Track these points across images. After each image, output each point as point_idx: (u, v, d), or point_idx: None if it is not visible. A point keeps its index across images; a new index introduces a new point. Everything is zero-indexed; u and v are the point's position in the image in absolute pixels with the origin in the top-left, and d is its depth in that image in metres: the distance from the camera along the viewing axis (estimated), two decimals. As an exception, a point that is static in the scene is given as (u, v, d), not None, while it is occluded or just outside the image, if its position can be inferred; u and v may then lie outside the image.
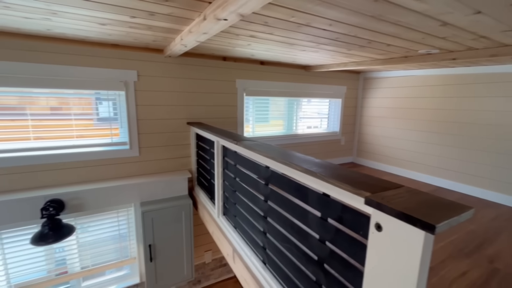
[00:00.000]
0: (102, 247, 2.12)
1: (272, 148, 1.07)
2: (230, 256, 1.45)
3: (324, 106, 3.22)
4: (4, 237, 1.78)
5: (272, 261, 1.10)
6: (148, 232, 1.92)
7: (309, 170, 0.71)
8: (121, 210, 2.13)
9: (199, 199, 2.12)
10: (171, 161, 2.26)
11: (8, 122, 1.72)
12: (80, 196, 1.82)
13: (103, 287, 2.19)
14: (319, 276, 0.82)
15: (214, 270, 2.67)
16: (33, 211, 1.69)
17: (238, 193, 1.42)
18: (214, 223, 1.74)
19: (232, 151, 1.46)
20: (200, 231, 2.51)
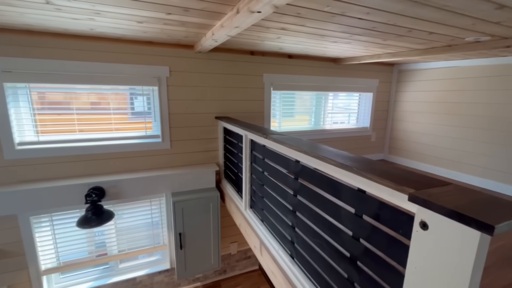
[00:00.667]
0: (137, 233, 2.27)
1: (302, 142, 1.05)
2: (257, 248, 1.47)
3: (354, 101, 3.09)
4: (55, 219, 1.99)
5: (301, 255, 1.10)
6: (179, 221, 2.02)
7: (345, 165, 0.69)
8: (154, 199, 2.26)
9: (226, 191, 2.17)
10: (200, 154, 2.33)
11: (57, 116, 1.90)
12: (118, 185, 1.95)
13: (137, 270, 2.35)
14: (351, 274, 0.80)
15: (239, 261, 2.74)
16: (78, 197, 1.86)
17: (266, 187, 1.43)
18: (241, 215, 1.77)
19: (260, 145, 1.46)
20: (226, 222, 2.57)
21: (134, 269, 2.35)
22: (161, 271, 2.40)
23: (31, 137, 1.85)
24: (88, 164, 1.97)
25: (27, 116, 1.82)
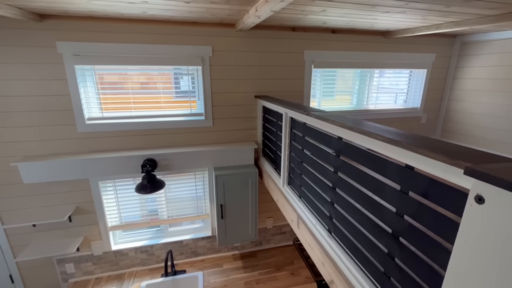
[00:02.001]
0: (183, 202, 2.52)
1: (346, 119, 1.04)
2: (295, 222, 1.53)
3: (403, 79, 2.83)
4: (117, 185, 2.31)
5: (339, 230, 1.12)
6: (220, 194, 2.18)
7: (394, 140, 0.68)
8: (198, 173, 2.45)
9: (264, 168, 2.25)
10: (240, 132, 2.42)
11: (115, 95, 2.13)
12: (168, 158, 2.16)
13: (183, 234, 2.64)
14: (392, 249, 0.81)
15: (274, 236, 2.87)
16: (135, 166, 2.11)
17: (305, 164, 1.45)
18: (278, 191, 1.84)
19: (301, 123, 1.47)
20: (263, 198, 2.69)
21: (181, 233, 2.64)
22: (203, 237, 2.65)
23: (96, 113, 2.13)
24: (143, 138, 2.20)
25: (92, 94, 2.08)
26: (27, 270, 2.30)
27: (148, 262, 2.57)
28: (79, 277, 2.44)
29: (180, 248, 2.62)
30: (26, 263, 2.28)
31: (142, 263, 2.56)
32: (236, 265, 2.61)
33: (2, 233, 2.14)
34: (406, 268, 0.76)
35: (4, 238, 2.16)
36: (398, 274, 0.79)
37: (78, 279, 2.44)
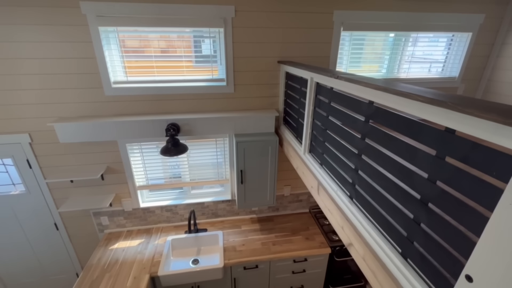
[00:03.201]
0: (204, 167, 2.61)
1: (379, 81, 0.97)
2: (315, 188, 1.55)
3: (440, 44, 2.55)
4: (143, 148, 2.42)
5: (361, 196, 1.12)
6: (240, 160, 2.22)
7: (437, 100, 0.63)
8: (219, 139, 2.50)
9: (284, 137, 2.24)
10: (261, 99, 2.38)
11: (138, 60, 2.13)
12: (190, 123, 2.20)
13: (204, 196, 2.78)
14: (419, 214, 0.80)
15: (291, 203, 2.95)
16: (160, 130, 2.18)
17: (329, 131, 1.42)
18: (299, 159, 1.84)
19: (327, 88, 1.40)
20: (282, 167, 2.72)
21: (203, 195, 2.79)
22: (223, 200, 2.78)
23: (121, 77, 2.16)
24: (166, 103, 2.24)
25: (117, 58, 2.09)
26: (68, 220, 2.58)
27: (172, 219, 2.78)
28: (113, 229, 2.71)
29: (201, 209, 2.79)
30: (67, 214, 2.55)
31: (167, 220, 2.78)
32: (254, 228, 2.76)
33: (45, 187, 2.38)
34: (432, 233, 0.75)
35: (47, 191, 2.40)
36: (423, 238, 0.79)
37: (112, 230, 2.71)
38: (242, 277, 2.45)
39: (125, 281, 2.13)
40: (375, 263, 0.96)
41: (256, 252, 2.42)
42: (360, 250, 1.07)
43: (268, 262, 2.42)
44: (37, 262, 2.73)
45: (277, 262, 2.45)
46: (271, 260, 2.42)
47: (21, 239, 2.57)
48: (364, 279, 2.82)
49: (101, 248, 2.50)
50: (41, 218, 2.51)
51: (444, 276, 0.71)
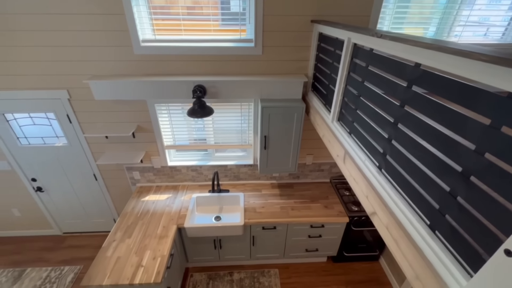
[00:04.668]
0: (228, 131, 2.65)
1: (431, 40, 0.85)
2: (341, 157, 1.52)
3: (503, 5, 2.16)
4: (171, 108, 2.48)
5: (391, 167, 1.08)
6: (265, 125, 2.21)
7: (505, 59, 0.54)
8: (244, 103, 2.47)
9: (312, 104, 2.15)
10: (290, 63, 2.26)
11: (166, 19, 2.07)
12: (216, 85, 2.18)
13: (228, 160, 2.87)
14: (457, 187, 0.75)
15: (312, 172, 2.96)
16: (186, 92, 2.19)
17: (362, 98, 1.33)
18: (326, 127, 1.78)
19: (366, 50, 1.28)
20: (306, 135, 2.68)
21: (226, 159, 2.88)
22: (245, 164, 2.86)
23: (150, 35, 2.14)
24: (193, 64, 2.21)
25: (145, 15, 2.05)
26: (105, 172, 2.84)
27: (197, 179, 2.94)
28: (144, 183, 2.95)
29: (224, 171, 2.90)
30: (103, 167, 2.79)
31: (192, 179, 2.94)
32: (274, 192, 2.84)
33: (84, 141, 2.59)
34: (470, 207, 0.71)
35: (86, 145, 2.61)
36: (457, 212, 0.75)
37: (143, 184, 2.95)
38: (260, 236, 2.61)
39: (156, 229, 2.36)
40: (399, 233, 0.96)
41: (275, 215, 2.53)
42: (384, 219, 1.06)
43: (286, 225, 2.53)
44: (81, 207, 3.09)
45: (295, 226, 2.55)
46: (289, 223, 2.52)
47: (67, 186, 2.90)
48: (378, 250, 2.88)
49: (134, 199, 2.75)
50: (82, 169, 2.78)
51: (475, 250, 0.69)
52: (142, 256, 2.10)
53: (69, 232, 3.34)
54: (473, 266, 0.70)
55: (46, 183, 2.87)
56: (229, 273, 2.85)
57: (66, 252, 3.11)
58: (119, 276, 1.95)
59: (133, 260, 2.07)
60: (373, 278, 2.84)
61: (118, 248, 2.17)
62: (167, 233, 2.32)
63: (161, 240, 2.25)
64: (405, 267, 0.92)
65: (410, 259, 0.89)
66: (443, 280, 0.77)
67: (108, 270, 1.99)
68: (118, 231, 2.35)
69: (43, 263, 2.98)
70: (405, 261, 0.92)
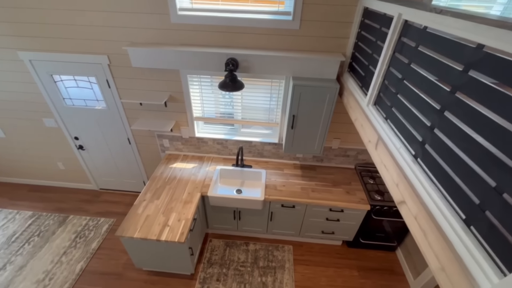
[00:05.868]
0: (256, 108, 2.64)
1: (508, 18, 0.75)
2: (373, 143, 1.46)
3: None
4: (202, 80, 2.51)
5: (429, 157, 1.02)
6: (294, 104, 2.17)
7: None
8: (275, 80, 2.43)
9: (347, 85, 2.05)
10: (328, 40, 2.14)
11: (205, -19, 2.02)
12: (249, 59, 2.14)
13: (253, 136, 2.90)
14: (504, 182, 0.70)
15: (337, 156, 2.90)
16: (219, 64, 2.19)
17: (406, 81, 1.24)
18: (360, 111, 1.71)
19: (418, 28, 1.17)
20: (336, 119, 2.59)
21: (251, 135, 2.91)
22: (270, 142, 2.87)
23: (187, 3, 2.12)
24: (227, 35, 2.18)
25: (183, -19, 2.02)
26: (138, 137, 3.02)
27: (222, 152, 3.03)
28: (172, 151, 3.10)
29: (249, 148, 2.95)
30: (137, 132, 2.97)
31: (217, 152, 3.04)
32: (296, 173, 2.85)
33: (120, 106, 2.74)
34: (517, 205, 0.66)
35: (122, 110, 2.77)
36: (501, 210, 0.70)
37: (171, 152, 3.11)
38: (279, 213, 2.69)
39: (182, 194, 2.52)
40: (429, 224, 0.93)
41: (295, 194, 2.56)
42: (413, 209, 1.04)
43: (305, 205, 2.56)
44: (115, 167, 3.37)
45: (314, 207, 2.58)
46: (308, 204, 2.55)
47: (104, 146, 3.15)
48: (397, 241, 2.84)
49: (162, 165, 2.92)
50: (117, 132, 2.98)
51: (515, 249, 0.66)
52: (168, 217, 2.28)
53: (104, 188, 3.68)
54: (509, 265, 0.67)
55: (87, 142, 3.14)
56: (245, 243, 3.01)
57: (102, 205, 3.46)
58: (148, 232, 2.15)
59: (160, 220, 2.26)
60: (386, 267, 2.84)
61: (147, 207, 2.37)
62: (192, 199, 2.47)
63: (186, 205, 2.41)
64: (430, 258, 0.90)
65: (437, 250, 0.87)
66: (472, 274, 0.75)
67: (138, 226, 2.20)
68: (148, 192, 2.54)
69: (82, 212, 3.35)
70: (431, 252, 0.90)
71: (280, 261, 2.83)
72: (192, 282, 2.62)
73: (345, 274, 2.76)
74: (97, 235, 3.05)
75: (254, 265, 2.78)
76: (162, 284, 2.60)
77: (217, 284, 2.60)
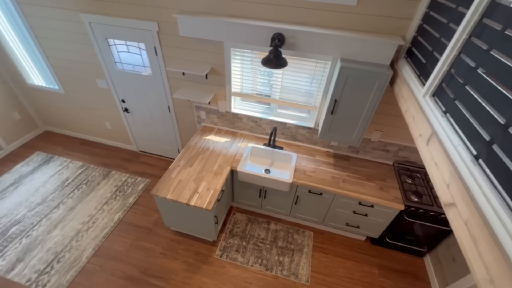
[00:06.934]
0: (296, 91, 2.55)
1: None
2: (424, 137, 1.33)
3: None
4: (244, 55, 2.47)
5: (495, 158, 0.89)
6: (338, 88, 2.04)
7: None
8: (320, 61, 2.29)
9: (401, 72, 1.86)
10: (387, 20, 1.93)
11: None
12: (296, 36, 2.04)
13: (288, 118, 2.84)
14: None
15: (375, 150, 2.73)
16: (265, 39, 2.12)
17: (480, 70, 1.07)
18: (414, 101, 1.55)
19: (507, 7, 0.98)
20: (381, 109, 2.41)
21: (287, 116, 2.85)
22: (305, 126, 2.79)
23: (239, -29, 2.04)
24: (278, 9, 2.08)
25: None
26: (177, 106, 3.14)
27: (255, 130, 3.03)
28: (207, 124, 3.19)
29: (282, 129, 2.90)
30: (177, 101, 3.09)
31: (250, 130, 3.05)
32: (328, 161, 2.77)
33: (164, 74, 2.85)
34: None
35: (165, 78, 2.88)
36: None
37: (207, 124, 3.20)
38: (304, 198, 2.66)
39: (213, 165, 2.61)
40: (482, 231, 0.83)
41: (324, 182, 2.50)
42: (464, 213, 0.93)
43: (333, 194, 2.50)
44: (154, 132, 3.58)
45: (342, 198, 2.50)
46: (337, 194, 2.48)
47: (146, 111, 3.34)
48: (427, 247, 2.66)
49: (197, 136, 3.03)
50: (159, 99, 3.13)
51: None
52: (198, 185, 2.39)
53: (143, 151, 3.97)
54: None
55: (132, 106, 3.35)
56: (267, 221, 3.07)
57: (139, 166, 3.76)
58: (179, 195, 2.29)
59: (191, 186, 2.38)
60: (410, 271, 2.71)
61: (180, 173, 2.51)
62: (222, 171, 2.55)
63: (216, 176, 2.50)
64: (477, 268, 0.82)
65: (488, 261, 0.79)
66: (529, 293, 0.66)
67: (171, 188, 2.35)
68: (182, 159, 2.68)
69: (123, 170, 3.68)
70: (479, 262, 0.82)
71: (299, 244, 2.85)
72: (213, 248, 2.78)
73: (364, 269, 2.70)
74: (134, 191, 3.35)
75: (273, 243, 2.85)
76: (187, 245, 2.80)
77: (236, 254, 2.73)
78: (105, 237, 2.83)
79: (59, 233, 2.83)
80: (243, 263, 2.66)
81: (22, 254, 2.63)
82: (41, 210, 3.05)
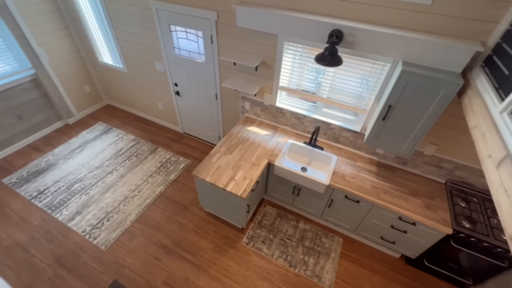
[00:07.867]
0: (347, 89, 2.44)
1: None
2: (494, 159, 1.18)
3: None
4: (297, 50, 2.43)
5: None
6: (396, 93, 1.90)
7: None
8: (378, 63, 2.15)
9: (474, 83, 1.66)
10: (465, 22, 1.71)
11: None
12: (356, 33, 1.93)
13: (334, 118, 2.74)
14: None
15: (426, 164, 2.50)
16: (322, 35, 2.05)
17: None
18: (487, 117, 1.37)
19: None
20: (441, 121, 2.18)
21: (332, 117, 2.76)
22: (350, 129, 2.67)
23: (305, -37, 1.99)
24: (339, 4, 1.99)
25: None
26: (224, 95, 3.25)
27: (297, 127, 3.00)
28: (251, 115, 3.25)
29: (325, 129, 2.82)
30: (224, 90, 3.20)
31: (292, 126, 3.03)
32: (370, 168, 2.62)
33: (217, 62, 2.96)
34: None
35: (217, 66, 2.99)
36: None
37: (249, 115, 3.26)
38: (339, 203, 2.58)
39: (251, 156, 2.67)
40: (558, 277, 0.72)
41: (363, 190, 2.38)
42: (536, 252, 0.82)
43: (371, 204, 2.37)
44: (200, 117, 3.78)
45: (381, 210, 2.36)
46: (376, 205, 2.35)
47: (195, 96, 3.53)
48: (473, 280, 2.39)
49: (239, 125, 3.12)
50: (209, 85, 3.27)
51: None
52: (236, 172, 2.48)
53: (187, 133, 4.23)
54: None
55: (182, 89, 3.57)
56: (296, 219, 3.06)
57: (183, 146, 4.02)
58: (217, 180, 2.40)
59: (229, 172, 2.48)
60: (447, 302, 2.48)
61: (220, 159, 2.62)
62: (259, 163, 2.59)
63: (253, 167, 2.55)
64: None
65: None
66: None
67: (210, 172, 2.48)
68: (223, 145, 2.79)
69: (168, 148, 3.98)
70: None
71: (327, 248, 2.79)
72: (241, 235, 2.88)
73: (394, 288, 2.55)
74: (176, 169, 3.61)
75: (300, 242, 2.84)
76: (216, 227, 2.95)
77: (262, 245, 2.79)
78: (147, 206, 3.12)
79: (111, 195, 3.21)
80: (267, 254, 2.71)
81: (81, 208, 3.05)
82: (98, 173, 3.48)
